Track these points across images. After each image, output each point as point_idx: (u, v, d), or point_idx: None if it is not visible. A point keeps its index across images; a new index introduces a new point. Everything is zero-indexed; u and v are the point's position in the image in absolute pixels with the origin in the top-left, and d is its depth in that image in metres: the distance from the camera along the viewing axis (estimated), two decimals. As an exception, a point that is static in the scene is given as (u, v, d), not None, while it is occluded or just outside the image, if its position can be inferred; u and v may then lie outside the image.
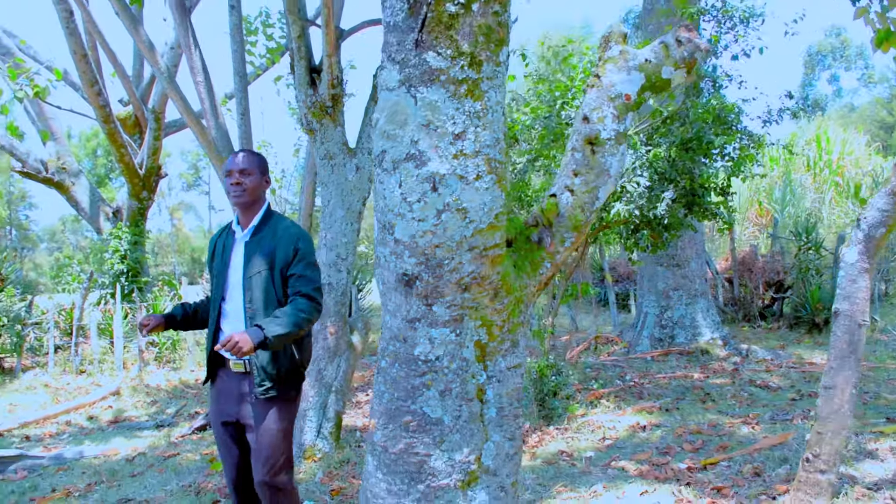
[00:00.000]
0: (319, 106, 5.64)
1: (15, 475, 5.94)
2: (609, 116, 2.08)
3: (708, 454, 5.22)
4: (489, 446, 1.91)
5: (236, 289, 3.27)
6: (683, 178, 6.43)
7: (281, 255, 3.21)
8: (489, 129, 1.74)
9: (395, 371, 1.88)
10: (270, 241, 3.25)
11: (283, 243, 3.23)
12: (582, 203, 2.05)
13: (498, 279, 1.84)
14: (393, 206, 1.77)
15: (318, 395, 5.57)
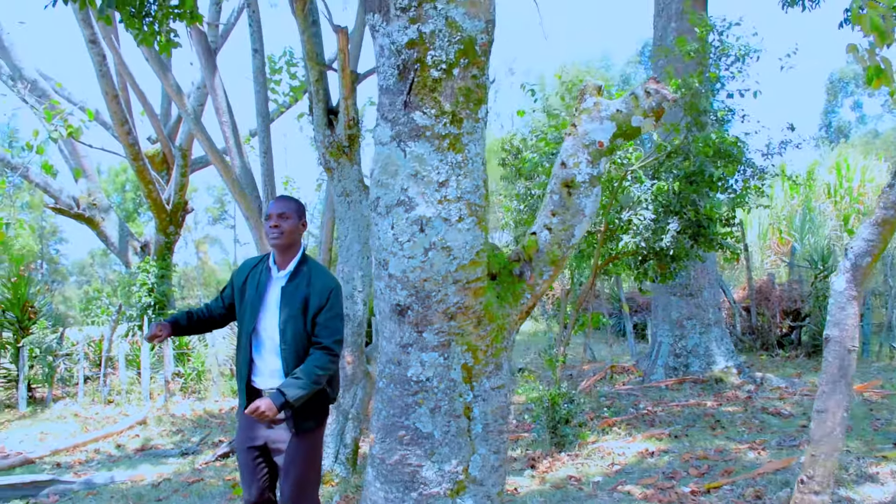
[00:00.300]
0: (337, 146, 5.94)
1: (47, 499, 6.21)
2: (584, 162, 2.32)
3: (713, 479, 5.36)
4: (476, 458, 2.14)
5: (271, 328, 3.49)
6: (688, 210, 6.64)
7: (314, 302, 3.43)
8: (469, 177, 2.00)
9: (391, 391, 2.12)
10: (305, 287, 3.48)
11: (317, 292, 3.45)
12: (559, 240, 2.29)
13: (481, 308, 2.08)
14: (386, 245, 2.02)
15: (336, 422, 5.80)
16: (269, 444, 3.49)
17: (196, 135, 7.90)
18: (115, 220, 15.28)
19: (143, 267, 14.23)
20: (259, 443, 3.51)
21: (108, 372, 11.90)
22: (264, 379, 3.50)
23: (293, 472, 3.42)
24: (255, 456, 3.52)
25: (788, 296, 13.84)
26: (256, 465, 3.54)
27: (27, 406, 10.97)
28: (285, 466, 3.43)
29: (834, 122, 49.28)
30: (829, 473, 4.12)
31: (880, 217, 4.09)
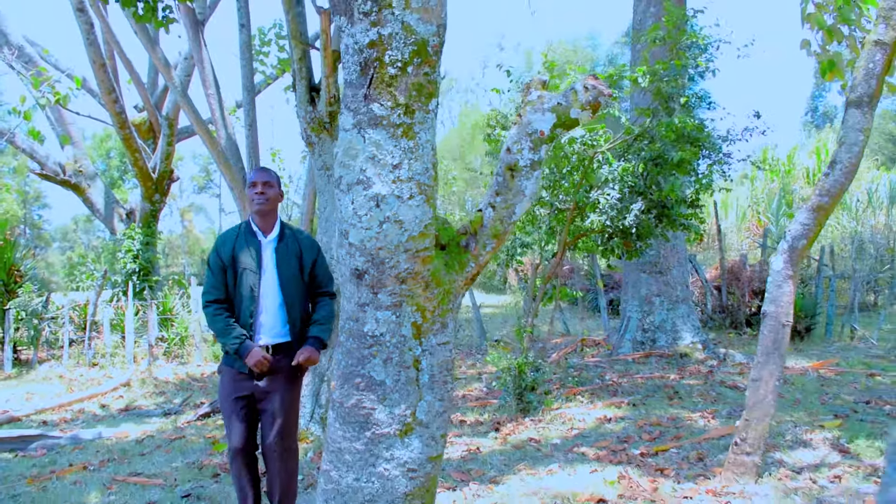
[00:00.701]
0: (318, 122, 6.21)
1: (35, 453, 6.52)
2: (526, 148, 2.64)
3: (663, 443, 5.75)
4: (422, 404, 2.48)
5: (272, 283, 3.90)
6: (653, 191, 6.98)
7: (308, 257, 3.99)
8: (420, 161, 2.31)
9: (350, 344, 2.45)
10: (295, 245, 3.99)
11: (307, 248, 4.03)
12: (501, 217, 2.61)
13: (429, 274, 2.40)
14: (347, 217, 2.34)
15: (312, 383, 6.14)
16: (257, 394, 3.88)
17: (182, 106, 8.14)
18: (101, 187, 15.46)
19: (129, 234, 14.45)
20: (246, 393, 3.88)
21: (93, 336, 12.18)
22: (263, 336, 3.89)
23: (283, 414, 3.84)
24: (241, 406, 3.90)
25: (759, 276, 14.26)
26: (243, 414, 3.91)
27: (12, 367, 11.24)
28: (274, 413, 3.84)
29: (821, 106, 49.67)
30: (761, 437, 4.51)
31: (815, 203, 4.44)
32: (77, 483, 5.37)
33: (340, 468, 2.51)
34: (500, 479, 4.82)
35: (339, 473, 2.52)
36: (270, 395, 3.86)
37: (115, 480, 5.40)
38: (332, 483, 2.54)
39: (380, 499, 2.48)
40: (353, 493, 2.49)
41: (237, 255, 3.94)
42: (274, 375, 3.87)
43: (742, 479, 4.47)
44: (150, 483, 5.30)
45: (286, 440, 3.88)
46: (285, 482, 3.91)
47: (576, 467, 4.99)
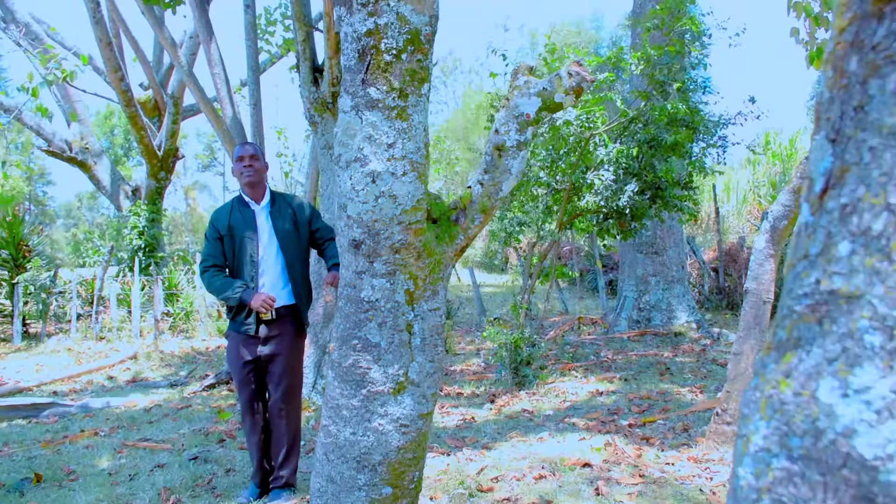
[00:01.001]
0: (321, 102, 6.40)
1: (48, 420, 6.78)
2: (513, 130, 2.84)
3: (651, 415, 5.98)
4: (414, 365, 2.69)
5: (270, 246, 4.14)
6: (647, 173, 7.17)
7: (301, 216, 4.23)
8: (412, 140, 2.51)
9: (348, 308, 2.66)
10: (286, 207, 4.24)
11: (299, 207, 4.27)
12: (489, 193, 2.81)
13: (420, 245, 2.61)
14: (346, 192, 2.54)
15: (314, 354, 6.37)
16: (263, 357, 4.13)
17: (188, 85, 8.32)
18: (107, 164, 15.65)
19: (135, 210, 14.66)
20: (252, 357, 4.14)
21: (100, 310, 12.43)
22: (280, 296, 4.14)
23: (287, 377, 4.11)
24: (249, 369, 4.17)
25: (755, 258, 14.45)
26: (251, 377, 4.18)
27: (22, 340, 11.50)
28: (278, 374, 4.11)
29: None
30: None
31: (796, 185, 4.64)
32: (89, 447, 5.62)
33: (338, 423, 2.73)
34: (493, 445, 5.05)
35: (337, 428, 2.74)
36: (275, 357, 4.11)
37: (126, 445, 5.64)
38: (331, 437, 2.76)
39: (374, 451, 2.70)
40: (350, 446, 2.71)
41: (233, 224, 4.19)
42: (278, 338, 4.11)
43: (722, 447, 4.69)
44: (159, 448, 5.54)
45: (289, 400, 4.13)
46: (289, 440, 4.17)
47: (565, 436, 5.22)
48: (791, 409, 0.80)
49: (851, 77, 0.80)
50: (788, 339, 0.83)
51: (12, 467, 5.10)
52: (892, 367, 0.73)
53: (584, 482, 4.05)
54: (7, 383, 8.74)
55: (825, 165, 0.85)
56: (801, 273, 0.84)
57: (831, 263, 0.80)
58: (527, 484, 4.06)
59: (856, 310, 0.77)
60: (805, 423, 0.77)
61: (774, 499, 0.79)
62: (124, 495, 4.36)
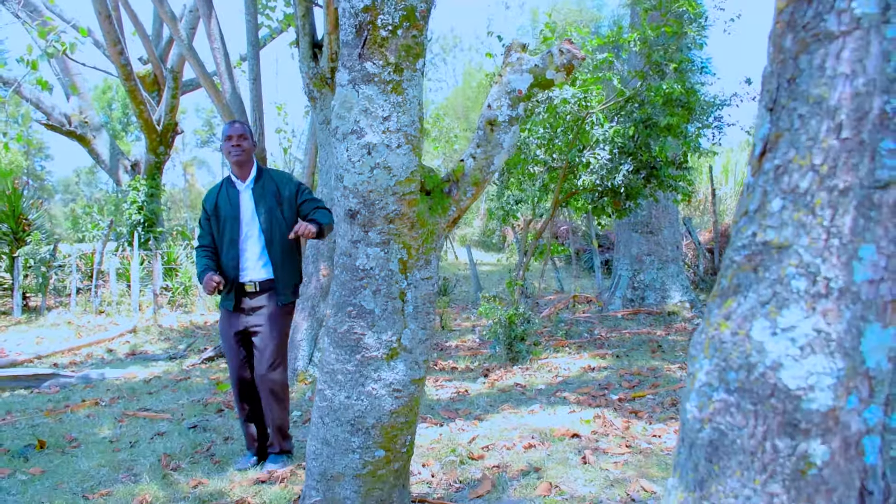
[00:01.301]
0: (320, 77, 6.45)
1: (49, 390, 6.90)
2: (505, 105, 2.92)
3: (641, 391, 6.10)
4: (407, 332, 2.79)
5: (251, 225, 4.23)
6: (642, 153, 7.24)
7: (285, 191, 4.27)
8: (407, 114, 2.59)
9: (343, 276, 2.76)
10: (271, 183, 4.30)
11: (283, 182, 4.32)
12: (481, 167, 2.90)
13: (414, 216, 2.70)
14: (342, 163, 2.62)
15: (311, 328, 6.48)
16: (249, 328, 4.24)
17: (188, 59, 8.35)
18: (106, 138, 15.68)
19: (134, 185, 14.72)
20: (240, 328, 4.26)
21: (99, 284, 12.53)
22: (248, 273, 4.23)
23: (269, 350, 4.18)
24: (236, 340, 4.28)
25: (750, 240, 14.53)
26: (238, 348, 4.29)
27: (22, 313, 11.61)
28: (262, 347, 4.18)
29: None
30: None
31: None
32: (90, 416, 5.74)
33: (333, 387, 2.84)
34: (485, 416, 5.17)
35: (332, 392, 2.84)
36: (257, 329, 4.21)
37: (126, 415, 5.76)
38: (326, 401, 2.87)
39: (368, 415, 2.81)
40: (345, 409, 2.82)
41: (219, 205, 4.31)
42: (259, 311, 4.21)
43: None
44: (159, 417, 5.66)
45: (272, 372, 4.20)
46: (275, 411, 4.26)
47: (556, 409, 5.34)
48: (729, 347, 0.89)
49: (786, 52, 0.88)
50: (729, 286, 0.92)
51: (16, 434, 5.22)
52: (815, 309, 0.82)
53: (572, 451, 4.17)
54: (8, 356, 8.86)
55: (763, 132, 0.94)
56: (742, 228, 0.93)
57: (766, 218, 0.90)
58: (516, 452, 4.18)
59: (784, 258, 0.86)
60: (740, 358, 0.87)
61: (714, 427, 0.88)
62: (126, 461, 4.48)
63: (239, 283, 4.25)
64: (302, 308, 6.49)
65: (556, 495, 3.48)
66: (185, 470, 4.28)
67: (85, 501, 3.77)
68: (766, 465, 0.82)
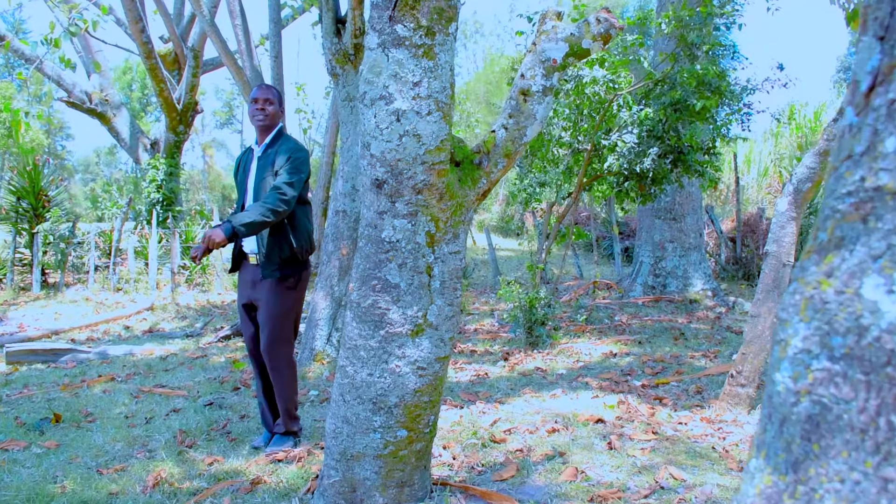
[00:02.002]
0: (343, 53, 6.34)
1: (66, 365, 6.87)
2: (539, 75, 2.79)
3: (664, 377, 5.98)
4: (433, 308, 2.68)
5: (252, 193, 4.12)
6: (670, 137, 7.08)
7: (279, 161, 4.03)
8: (438, 79, 2.48)
9: (368, 249, 2.65)
10: (274, 154, 4.10)
11: (282, 152, 4.07)
12: (513, 138, 2.78)
13: (443, 187, 2.58)
14: (370, 130, 2.51)
15: (329, 307, 6.39)
16: (254, 302, 4.14)
17: (209, 35, 8.27)
18: (126, 116, 15.65)
19: (153, 164, 14.69)
20: (246, 301, 4.17)
21: (118, 262, 12.51)
22: (247, 242, 4.14)
23: (268, 326, 4.05)
24: (247, 312, 4.20)
25: (774, 229, 14.29)
26: (248, 320, 4.21)
27: (41, 289, 11.62)
28: (262, 320, 4.07)
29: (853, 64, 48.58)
30: (756, 370, 4.71)
31: (822, 147, 4.56)
32: (106, 392, 5.69)
33: (356, 364, 2.74)
34: (506, 400, 5.07)
35: (353, 369, 2.75)
36: (259, 304, 4.09)
37: (142, 391, 5.71)
38: (348, 378, 2.77)
39: (391, 393, 2.71)
40: (367, 387, 2.72)
41: (240, 169, 4.27)
42: (260, 284, 4.07)
43: (736, 409, 4.68)
44: (174, 394, 5.60)
45: (273, 347, 4.04)
46: (280, 388, 4.14)
47: (578, 393, 5.23)
48: (833, 308, 0.78)
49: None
50: (830, 239, 0.81)
51: (32, 408, 5.18)
52: (941, 261, 0.71)
53: (596, 436, 4.06)
54: (27, 330, 8.86)
55: (872, 64, 0.82)
56: (845, 173, 0.81)
57: (877, 160, 0.78)
58: (539, 437, 4.07)
59: (901, 205, 0.75)
60: (848, 321, 0.76)
61: (814, 400, 0.77)
62: (141, 437, 4.42)
63: (241, 251, 4.18)
64: (320, 287, 6.41)
65: (583, 481, 3.37)
66: (200, 447, 4.21)
67: (99, 476, 3.70)
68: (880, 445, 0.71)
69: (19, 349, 6.96)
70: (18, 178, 12.49)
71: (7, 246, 12.20)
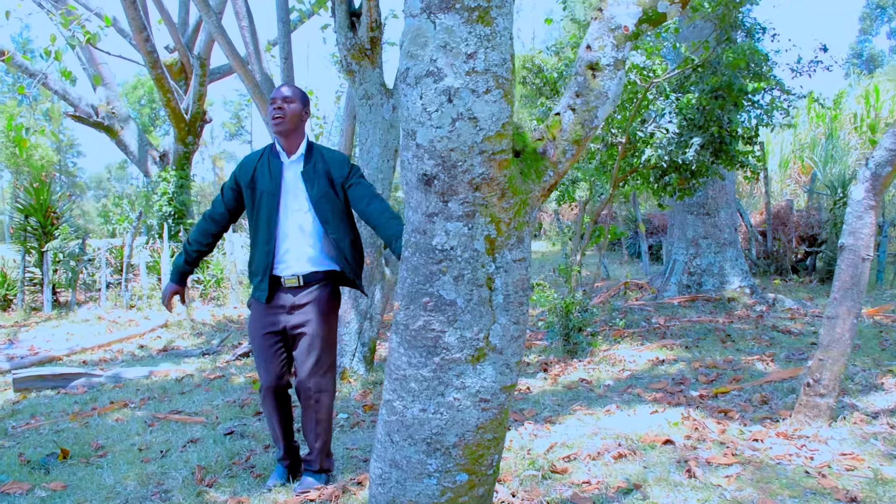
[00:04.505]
0: (359, 48, 5.91)
1: (76, 390, 6.46)
2: (609, 45, 2.33)
3: (721, 386, 5.49)
4: (496, 327, 2.22)
5: (297, 208, 3.56)
6: (712, 125, 6.59)
7: (337, 174, 3.56)
8: (497, 50, 2.02)
9: (416, 259, 2.19)
10: (323, 164, 3.59)
11: (336, 165, 3.59)
12: (582, 120, 2.32)
13: (505, 181, 2.13)
14: (415, 115, 2.06)
15: (355, 320, 5.94)
16: (288, 329, 3.59)
17: (216, 38, 7.84)
18: (134, 129, 15.31)
19: (164, 176, 14.33)
20: (278, 328, 3.60)
21: (130, 278, 12.14)
22: (290, 265, 3.56)
23: (316, 351, 3.55)
24: (274, 341, 3.62)
25: (806, 222, 13.78)
26: (276, 350, 3.63)
27: (52, 309, 11.25)
28: (307, 349, 3.55)
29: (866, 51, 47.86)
30: (836, 378, 4.22)
31: (904, 125, 4.07)
32: (118, 420, 5.27)
33: (405, 398, 2.28)
34: (556, 419, 4.59)
35: (403, 404, 2.29)
36: (303, 330, 3.57)
37: (157, 418, 5.28)
38: (396, 414, 2.32)
39: (449, 431, 2.26)
40: (420, 424, 2.27)
41: (256, 177, 3.60)
42: (308, 307, 3.56)
43: (815, 422, 4.20)
44: (192, 420, 5.17)
45: (321, 378, 3.59)
46: (321, 425, 3.66)
47: (634, 408, 4.75)
48: None
49: None
50: None
51: (38, 441, 4.77)
52: None
53: (670, 462, 3.58)
54: (38, 352, 8.47)
55: None
56: None
57: None
58: (606, 464, 3.59)
59: None
60: None
61: None
62: (155, 474, 3.99)
63: (274, 276, 3.59)
64: (345, 299, 5.96)
65: (668, 521, 2.90)
66: (222, 485, 3.76)
67: (109, 526, 3.27)
68: None
69: (27, 375, 6.55)
70: (26, 195, 12.12)
71: (17, 266, 11.84)
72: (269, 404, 3.71)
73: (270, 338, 3.63)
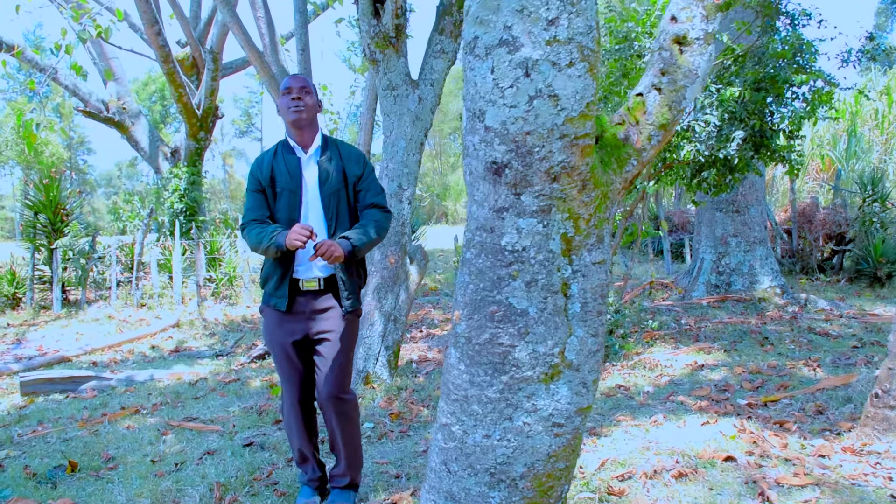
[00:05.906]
0: (383, 36, 5.60)
1: (86, 394, 6.18)
2: (698, 16, 2.02)
3: (768, 393, 5.16)
4: (573, 341, 1.92)
5: (313, 206, 3.29)
6: (753, 119, 6.25)
7: (352, 171, 3.33)
8: (583, 15, 1.71)
9: (481, 262, 1.88)
10: (338, 160, 3.34)
11: (352, 161, 3.37)
12: (669, 102, 2.00)
13: (587, 170, 1.82)
14: (484, 92, 1.75)
15: (379, 323, 5.64)
16: (312, 335, 3.31)
17: (231, 28, 7.55)
18: (145, 125, 15.05)
19: (175, 172, 14.07)
20: (299, 337, 3.31)
21: (140, 276, 11.87)
22: (310, 267, 3.28)
23: (339, 361, 3.28)
24: (297, 351, 3.35)
25: (832, 220, 13.39)
26: (295, 362, 3.37)
27: (62, 308, 10.99)
28: (330, 359, 3.28)
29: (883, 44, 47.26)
30: (907, 387, 3.90)
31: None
32: (130, 428, 4.99)
33: (466, 422, 1.97)
34: (600, 430, 4.27)
35: (463, 428, 1.98)
36: (325, 338, 3.29)
37: (170, 425, 5.00)
38: (455, 441, 2.01)
39: (516, 460, 1.95)
40: (483, 452, 1.96)
41: (275, 174, 3.33)
42: (329, 313, 3.29)
43: (885, 436, 3.87)
44: (207, 429, 4.88)
45: (345, 388, 3.32)
46: (351, 437, 3.38)
47: (683, 419, 4.42)
48: None
49: None
50: None
51: (46, 451, 4.49)
52: None
53: (737, 483, 3.25)
54: (47, 352, 8.21)
55: None
56: None
57: None
58: (666, 485, 3.27)
59: None
60: None
61: None
62: (171, 490, 3.69)
63: (294, 279, 3.29)
64: (368, 301, 5.66)
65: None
66: (243, 504, 3.47)
67: (122, 552, 2.98)
68: None
69: (35, 378, 6.28)
70: (36, 192, 11.86)
71: (26, 263, 11.59)
72: (295, 418, 3.43)
73: (290, 348, 3.34)
